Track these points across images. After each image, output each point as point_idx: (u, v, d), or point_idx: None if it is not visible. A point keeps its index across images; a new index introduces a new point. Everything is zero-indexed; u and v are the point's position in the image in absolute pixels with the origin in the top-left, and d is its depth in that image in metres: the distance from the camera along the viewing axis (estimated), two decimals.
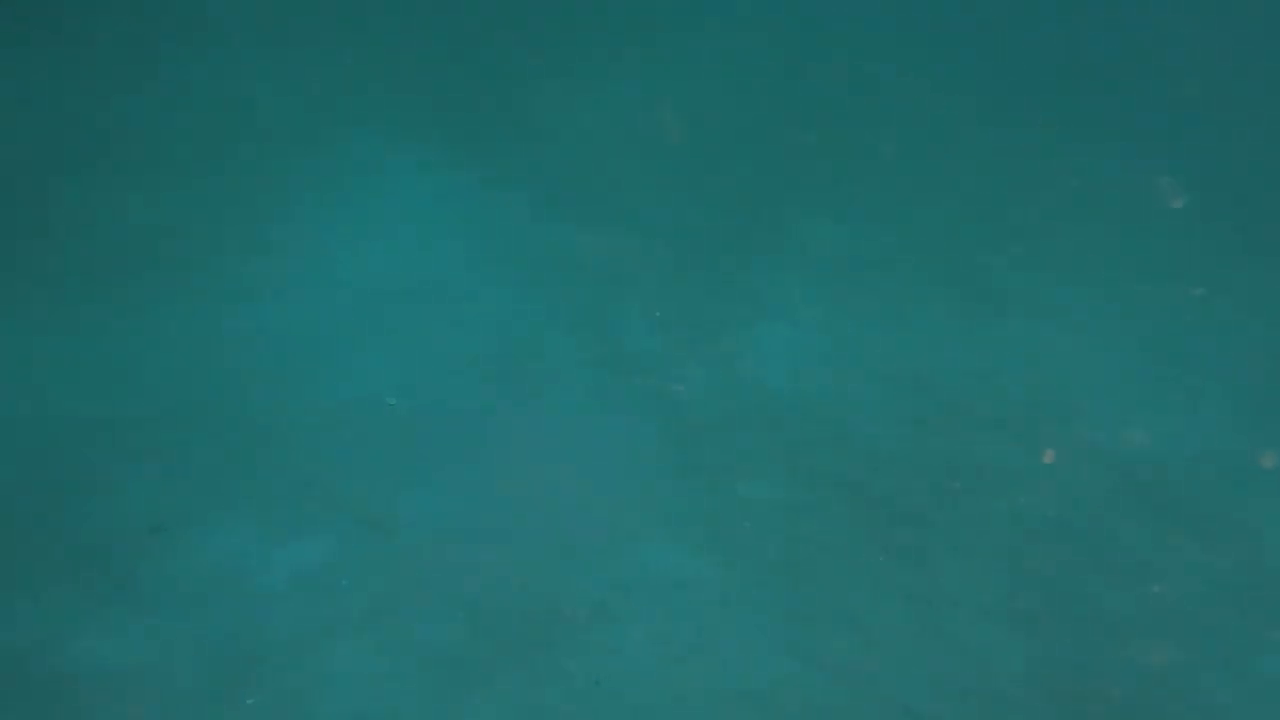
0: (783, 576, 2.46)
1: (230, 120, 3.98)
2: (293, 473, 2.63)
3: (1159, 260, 3.40)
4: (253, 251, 3.41)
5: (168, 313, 3.11)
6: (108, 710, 2.01)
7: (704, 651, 2.28)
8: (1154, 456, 2.65)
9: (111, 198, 3.56)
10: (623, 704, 2.15)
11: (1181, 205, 3.58)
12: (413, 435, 2.81)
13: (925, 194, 3.83)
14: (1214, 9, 4.35)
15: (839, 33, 4.62)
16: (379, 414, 2.86)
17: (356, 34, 4.54)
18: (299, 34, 4.50)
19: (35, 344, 2.99)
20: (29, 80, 4.10)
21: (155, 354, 2.98)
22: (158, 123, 3.96)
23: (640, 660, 2.25)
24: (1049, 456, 2.69)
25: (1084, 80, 4.24)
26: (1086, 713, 2.04)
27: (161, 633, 2.17)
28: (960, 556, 2.45)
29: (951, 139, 4.07)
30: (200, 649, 2.14)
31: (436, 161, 3.96)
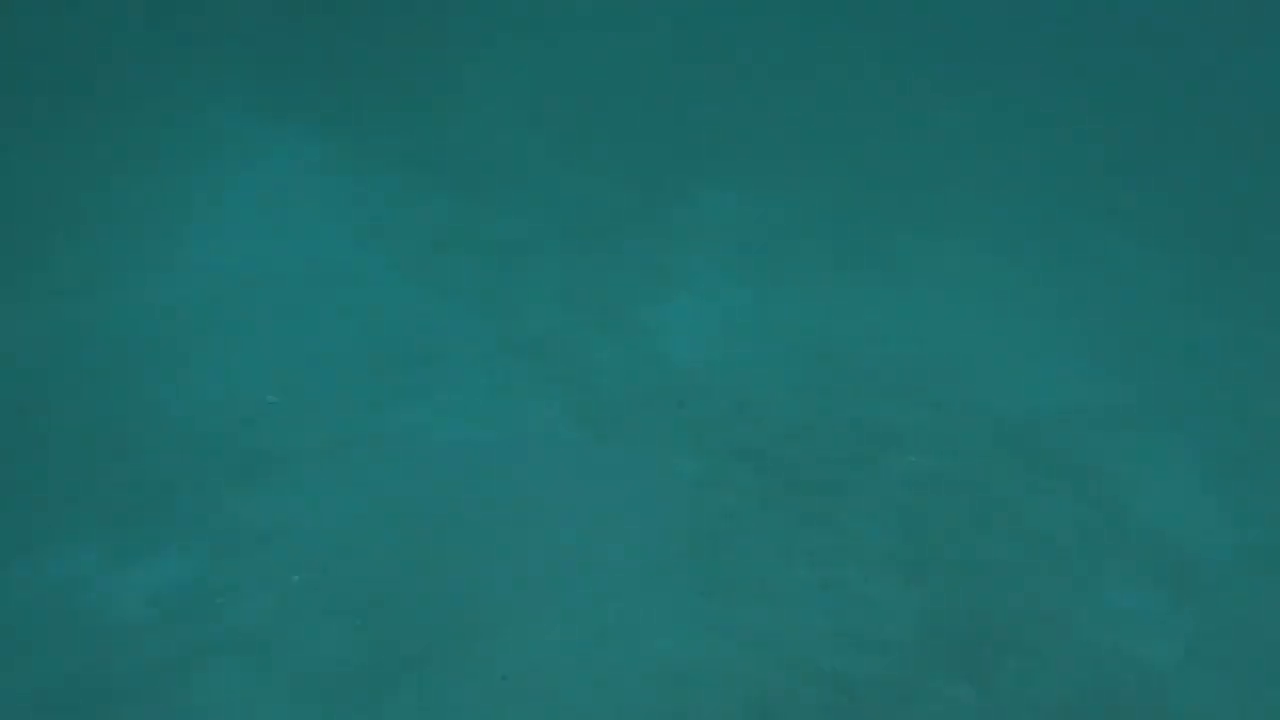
0: (695, 550, 2.46)
1: (52, 77, 3.43)
2: (148, 484, 2.33)
3: (1038, 228, 3.65)
4: (91, 233, 2.98)
5: None
6: None
7: (617, 634, 2.24)
8: (1029, 411, 2.86)
9: None
10: (534, 696, 2.09)
11: (1057, 179, 3.84)
12: (296, 435, 2.58)
13: (824, 165, 3.91)
14: None
15: (736, 4, 4.59)
16: (256, 413, 2.60)
17: None
18: None
19: None
20: None
21: None
22: None
23: (550, 651, 2.19)
24: (939, 417, 2.84)
25: (978, 52, 4.44)
26: (971, 650, 2.19)
27: None
28: (861, 517, 2.55)
29: (849, 111, 4.17)
30: (37, 693, 1.86)
31: (312, 134, 3.62)
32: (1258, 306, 3.28)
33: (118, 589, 2.11)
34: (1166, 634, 2.29)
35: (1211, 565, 2.44)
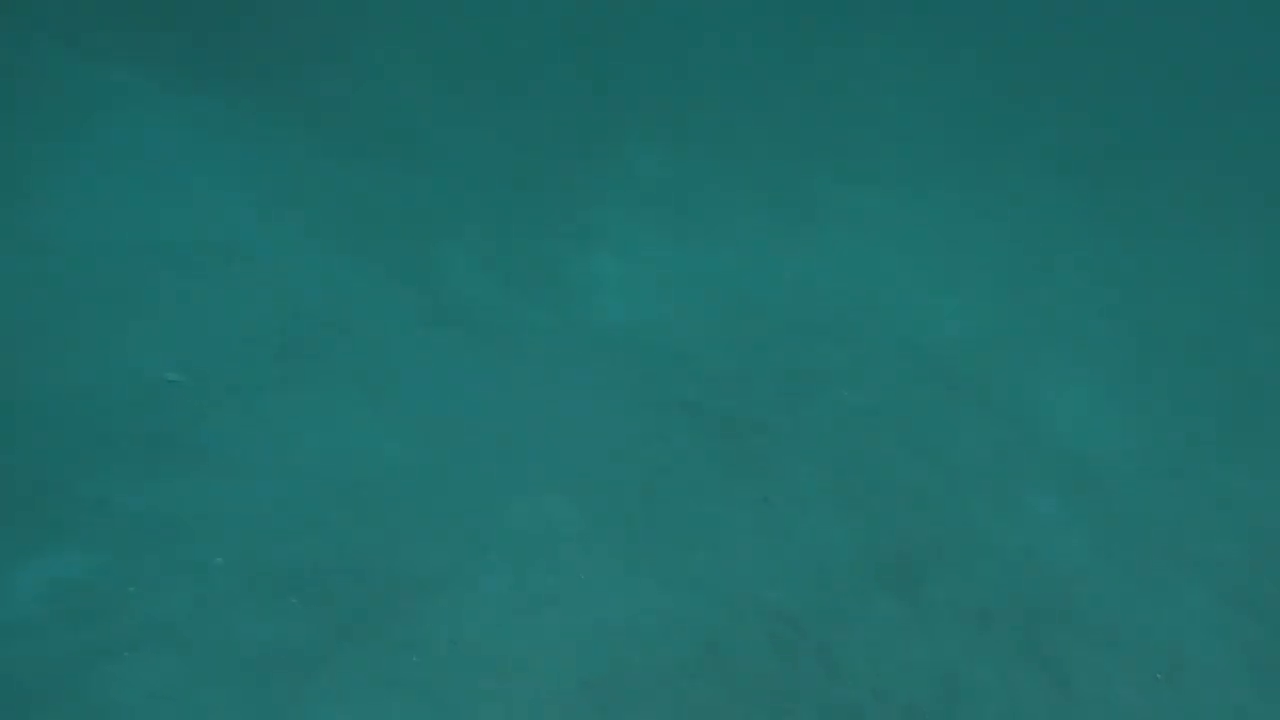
0: (637, 504, 2.47)
1: None
2: (34, 475, 2.12)
3: (943, 167, 3.79)
4: None
5: None
6: None
7: (565, 591, 2.23)
8: (946, 341, 3.00)
9: None
10: (482, 660, 2.05)
11: (959, 119, 3.99)
12: (205, 415, 2.40)
13: (743, 118, 3.93)
14: None
15: None
16: (156, 394, 2.41)
17: None
18: None
19: None
20: None
21: None
22: None
23: (498, 612, 2.15)
24: (863, 354, 2.93)
25: (884, 3, 4.51)
26: (901, 570, 2.31)
27: None
28: (795, 457, 2.62)
29: (765, 59, 4.18)
30: None
31: (208, 96, 3.33)
32: (1146, 228, 3.54)
33: (8, 586, 1.92)
34: (1073, 536, 2.48)
35: (1112, 470, 2.65)
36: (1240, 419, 2.77)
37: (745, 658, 2.16)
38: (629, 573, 2.31)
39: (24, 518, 2.04)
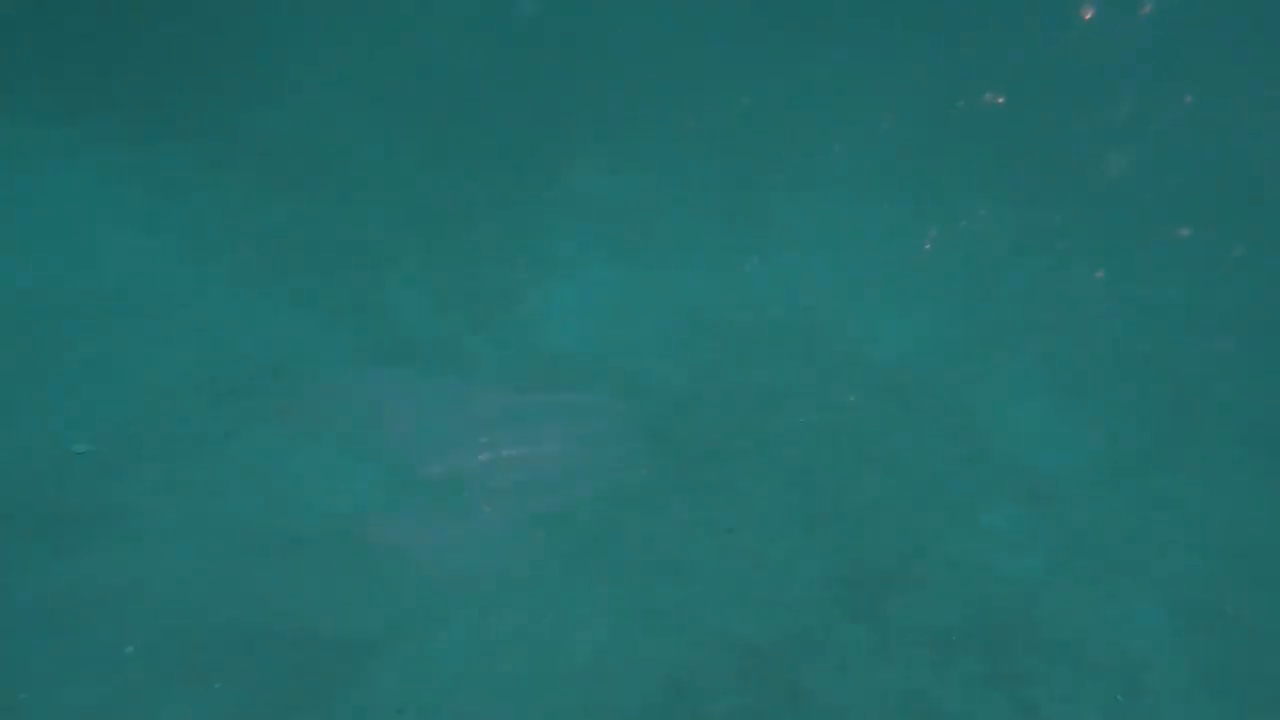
0: (596, 537, 2.38)
1: None
2: None
3: (891, 185, 3.83)
4: None
5: None
6: None
7: (522, 638, 2.12)
8: (897, 358, 3.00)
9: None
10: (438, 718, 1.93)
11: (912, 142, 4.04)
12: (119, 485, 2.22)
13: (687, 136, 3.90)
14: None
15: None
16: (60, 468, 2.22)
17: None
18: None
19: None
20: None
21: None
22: None
23: (456, 665, 2.04)
24: (816, 372, 2.91)
25: (832, 18, 4.55)
26: (865, 593, 2.27)
27: None
28: (755, 480, 2.57)
29: (710, 81, 4.17)
30: None
31: (111, 138, 3.14)
32: (1082, 245, 3.62)
33: None
34: (1030, 547, 2.48)
35: (1062, 479, 2.67)
36: (1183, 429, 2.83)
37: (713, 694, 2.09)
38: (591, 611, 2.22)
39: None
